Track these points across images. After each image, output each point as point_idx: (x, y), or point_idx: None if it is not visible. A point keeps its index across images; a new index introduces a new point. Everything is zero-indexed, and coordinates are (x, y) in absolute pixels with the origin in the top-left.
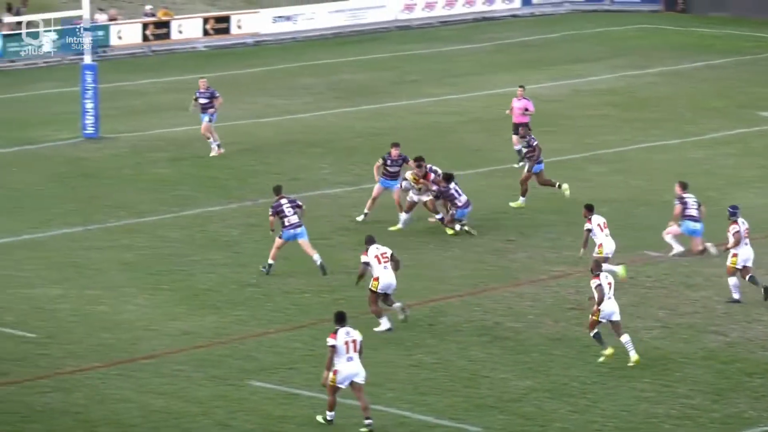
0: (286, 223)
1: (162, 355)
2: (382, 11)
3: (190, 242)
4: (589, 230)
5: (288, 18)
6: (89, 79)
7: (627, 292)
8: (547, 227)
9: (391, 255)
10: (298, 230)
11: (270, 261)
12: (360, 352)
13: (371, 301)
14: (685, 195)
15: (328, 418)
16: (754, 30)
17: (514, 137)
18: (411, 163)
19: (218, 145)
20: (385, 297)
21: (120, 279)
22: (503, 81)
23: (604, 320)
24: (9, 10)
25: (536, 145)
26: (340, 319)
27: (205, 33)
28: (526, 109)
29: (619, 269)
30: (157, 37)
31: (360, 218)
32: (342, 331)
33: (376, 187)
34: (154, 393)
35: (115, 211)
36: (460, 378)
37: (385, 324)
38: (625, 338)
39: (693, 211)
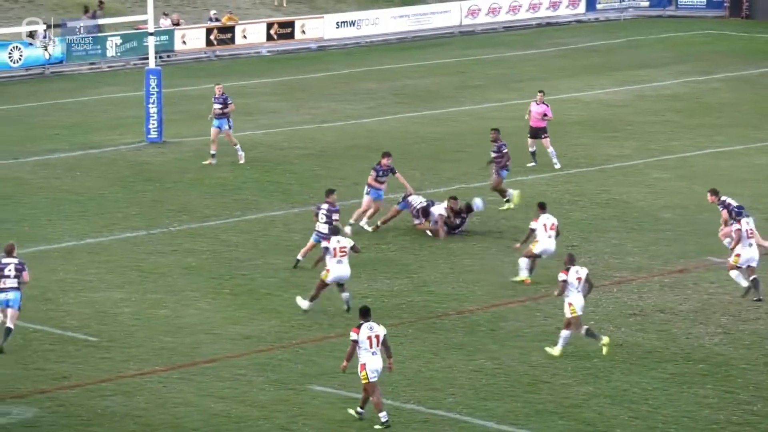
0: (316, 228)
1: (223, 359)
2: (446, 16)
3: (252, 246)
4: (533, 230)
5: (352, 23)
6: (153, 83)
7: (689, 298)
8: (609, 233)
9: (352, 246)
10: (322, 243)
11: (298, 257)
12: (386, 347)
13: (317, 287)
14: (723, 198)
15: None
16: None
17: (529, 140)
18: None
19: (240, 152)
20: (339, 285)
21: (182, 283)
22: (567, 86)
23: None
24: (86, 12)
25: (506, 152)
26: (364, 314)
27: (269, 38)
28: (545, 115)
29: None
30: (221, 42)
31: (369, 228)
32: (365, 326)
33: (366, 199)
34: (215, 397)
35: (178, 215)
36: (521, 383)
37: (305, 305)
38: (583, 330)
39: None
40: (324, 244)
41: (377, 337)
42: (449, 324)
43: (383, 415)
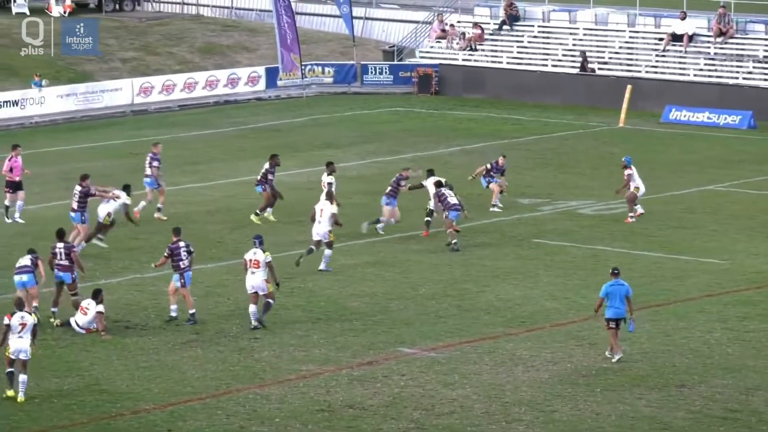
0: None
1: None
2: (116, 95)
3: None
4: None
5: (15, 103)
6: None
7: (379, 392)
8: (294, 323)
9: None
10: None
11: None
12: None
13: None
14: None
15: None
16: (512, 112)
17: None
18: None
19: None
20: None
21: None
22: (248, 168)
23: (14, 356)
24: None
25: None
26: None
27: None
28: (12, 169)
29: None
30: None
31: None
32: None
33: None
34: None
35: None
36: None
37: None
38: (22, 377)
39: None
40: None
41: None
42: (124, 425)
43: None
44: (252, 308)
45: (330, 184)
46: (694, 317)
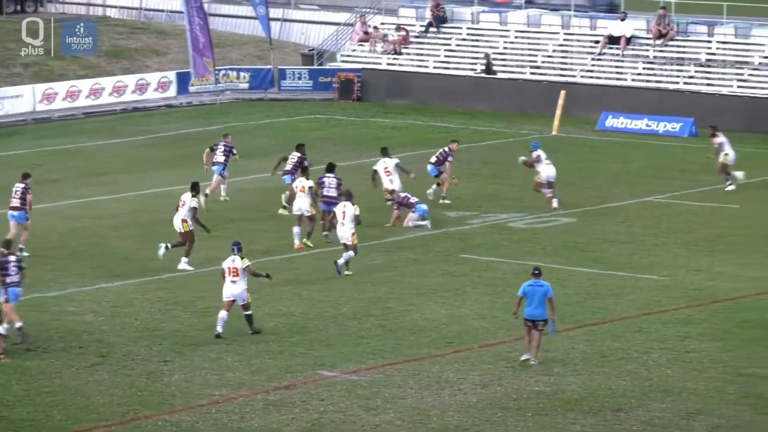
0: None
1: None
2: (17, 102)
3: None
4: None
5: None
6: None
7: (297, 418)
8: (207, 345)
9: None
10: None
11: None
12: None
13: None
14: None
15: None
16: (439, 119)
17: None
18: None
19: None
20: None
21: None
22: (161, 179)
23: None
24: None
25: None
26: None
27: None
28: None
29: None
30: None
31: None
32: None
33: None
34: None
35: None
36: None
37: None
38: None
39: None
40: None
41: None
42: None
43: None
44: (222, 314)
45: (311, 188)
46: (631, 337)
